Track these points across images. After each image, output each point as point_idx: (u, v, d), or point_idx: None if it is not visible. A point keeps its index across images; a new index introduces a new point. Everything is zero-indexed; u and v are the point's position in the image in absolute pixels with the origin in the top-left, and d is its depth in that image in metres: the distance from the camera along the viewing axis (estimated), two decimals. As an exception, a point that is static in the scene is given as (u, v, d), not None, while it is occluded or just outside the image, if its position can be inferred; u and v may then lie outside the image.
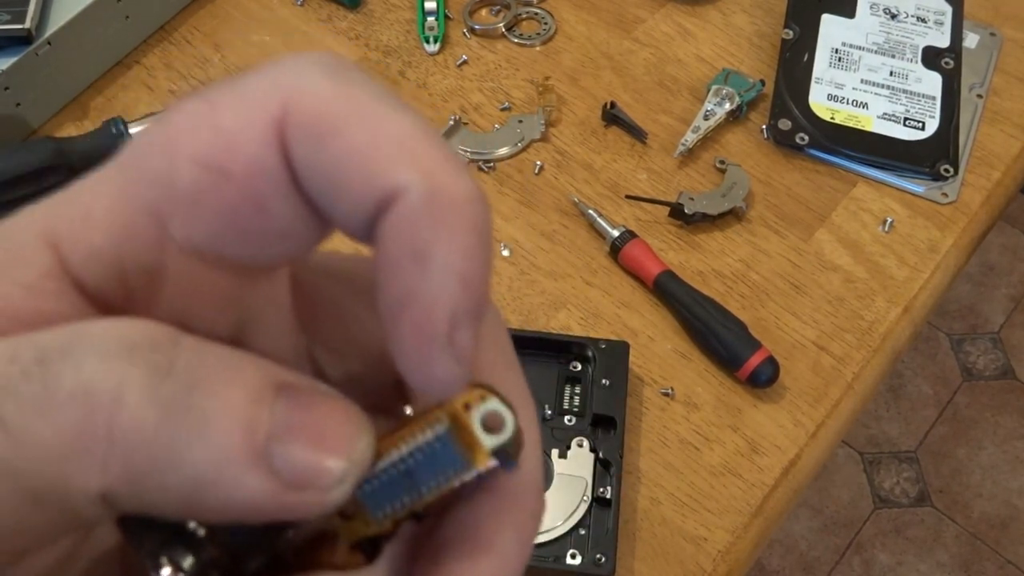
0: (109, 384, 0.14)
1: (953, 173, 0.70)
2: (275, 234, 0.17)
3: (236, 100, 0.16)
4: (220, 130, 0.16)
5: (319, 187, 0.16)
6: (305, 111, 0.16)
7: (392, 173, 0.16)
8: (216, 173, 0.16)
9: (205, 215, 0.16)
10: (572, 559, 0.53)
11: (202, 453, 0.14)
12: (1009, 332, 1.69)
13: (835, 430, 0.60)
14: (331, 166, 0.16)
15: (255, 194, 0.16)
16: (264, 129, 0.16)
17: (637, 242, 0.65)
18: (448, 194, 0.16)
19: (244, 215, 0.16)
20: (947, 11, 0.78)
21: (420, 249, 0.16)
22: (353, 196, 0.16)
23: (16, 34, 0.66)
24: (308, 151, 0.16)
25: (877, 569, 1.46)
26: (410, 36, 0.77)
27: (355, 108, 0.16)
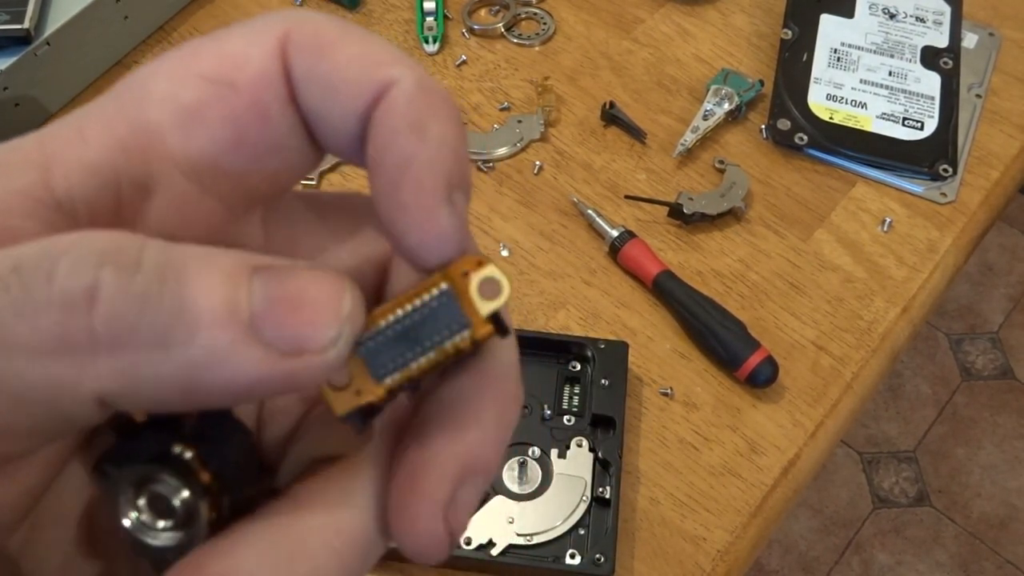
0: (82, 285, 0.14)
1: (952, 173, 0.70)
2: (273, 146, 0.18)
3: (240, 29, 0.18)
4: (226, 52, 0.18)
5: (318, 93, 0.18)
6: (305, 32, 0.18)
7: (385, 69, 0.18)
8: (223, 85, 0.17)
9: (208, 125, 0.17)
10: (571, 559, 0.53)
11: (186, 334, 0.15)
12: (1008, 332, 1.69)
13: (834, 430, 0.60)
14: (329, 71, 0.18)
15: (259, 103, 0.18)
16: (269, 46, 0.18)
17: (636, 242, 0.65)
18: (434, 85, 0.18)
19: (246, 123, 0.18)
20: (946, 11, 0.78)
21: (417, 121, 0.17)
22: (350, 94, 0.18)
23: (15, 34, 0.66)
24: (308, 61, 0.18)
25: (876, 569, 1.47)
26: (409, 36, 0.77)
27: (348, 31, 0.18)
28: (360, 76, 0.18)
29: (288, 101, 0.18)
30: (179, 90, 0.17)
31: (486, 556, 0.53)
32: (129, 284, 0.15)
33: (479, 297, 0.18)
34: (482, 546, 0.53)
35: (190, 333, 0.15)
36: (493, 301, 0.18)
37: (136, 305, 0.15)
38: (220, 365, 0.15)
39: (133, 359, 0.15)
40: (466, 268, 0.18)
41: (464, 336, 0.17)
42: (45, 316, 0.14)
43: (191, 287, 0.15)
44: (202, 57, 0.18)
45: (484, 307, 0.18)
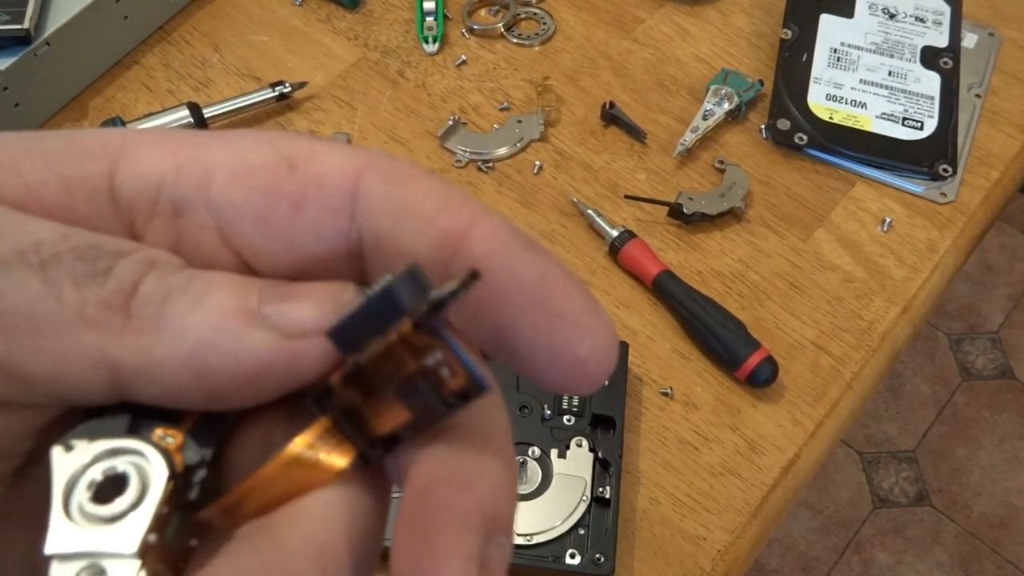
0: (133, 275, 0.17)
1: (952, 173, 0.70)
2: (291, 240, 0.19)
3: (335, 144, 0.19)
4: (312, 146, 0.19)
5: (391, 219, 0.18)
6: (386, 164, 0.19)
7: (466, 207, 0.18)
8: (287, 164, 0.18)
9: (251, 188, 0.18)
10: (571, 559, 0.53)
11: (200, 319, 0.17)
12: (1008, 332, 1.69)
13: (834, 430, 0.60)
14: (408, 201, 0.18)
15: (302, 195, 0.18)
16: (346, 162, 0.18)
17: (636, 242, 0.65)
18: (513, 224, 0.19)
19: (280, 205, 0.18)
20: (946, 11, 0.78)
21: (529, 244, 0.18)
22: (429, 225, 0.18)
23: (15, 34, 0.66)
24: (387, 188, 0.18)
25: (876, 569, 1.47)
26: (409, 36, 0.77)
27: (424, 172, 0.19)
28: (442, 209, 0.18)
29: (339, 212, 0.18)
30: (253, 150, 0.19)
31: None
32: (164, 280, 0.17)
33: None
34: (482, 546, 0.53)
35: (205, 317, 0.17)
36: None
37: (164, 293, 0.17)
38: (228, 345, 0.17)
39: (154, 338, 0.17)
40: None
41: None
42: (99, 286, 0.17)
43: (212, 286, 0.17)
44: (293, 140, 0.19)
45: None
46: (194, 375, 0.17)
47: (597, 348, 0.18)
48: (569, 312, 0.17)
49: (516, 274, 0.17)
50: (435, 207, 0.18)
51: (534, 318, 0.17)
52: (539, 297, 0.17)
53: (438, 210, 0.18)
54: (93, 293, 0.17)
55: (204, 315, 0.17)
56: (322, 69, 0.75)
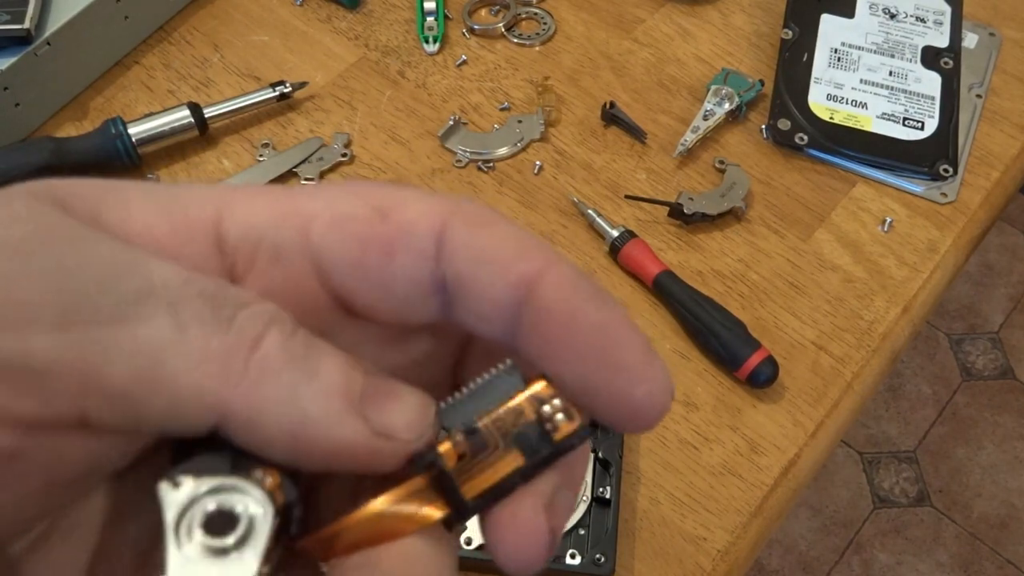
0: (256, 329, 0.18)
1: (952, 173, 0.70)
2: (385, 287, 0.20)
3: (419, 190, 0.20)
4: (399, 196, 0.20)
5: (471, 263, 0.19)
6: (469, 211, 0.20)
7: (541, 253, 0.19)
8: (378, 214, 0.20)
9: (346, 235, 0.20)
10: (572, 559, 0.53)
11: (311, 394, 0.18)
12: (1008, 332, 1.69)
13: (834, 430, 0.60)
14: (487, 247, 0.19)
15: (394, 243, 0.20)
16: (433, 209, 0.20)
17: (636, 242, 0.65)
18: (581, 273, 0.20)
19: (373, 252, 0.20)
20: (946, 11, 0.78)
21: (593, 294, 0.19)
22: (505, 269, 0.19)
23: (15, 34, 0.66)
24: (468, 234, 0.19)
25: (876, 569, 1.47)
26: (409, 36, 0.77)
27: (503, 219, 0.20)
28: (518, 253, 0.19)
29: (426, 256, 0.19)
30: (344, 200, 0.20)
31: (486, 556, 0.53)
32: (285, 343, 0.18)
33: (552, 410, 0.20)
34: (481, 546, 0.53)
35: (315, 394, 0.18)
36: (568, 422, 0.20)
37: (285, 358, 0.18)
38: (327, 425, 0.18)
39: (267, 396, 0.18)
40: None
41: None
42: (218, 339, 0.18)
43: (325, 362, 0.19)
44: (381, 191, 0.20)
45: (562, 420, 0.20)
46: (291, 439, 0.18)
47: (652, 395, 0.19)
48: (625, 361, 0.19)
49: (579, 322, 0.19)
50: (512, 253, 0.19)
51: (595, 364, 0.19)
52: (599, 345, 0.19)
53: (515, 256, 0.19)
54: (218, 339, 0.18)
55: (315, 391, 0.18)
56: (322, 69, 0.75)
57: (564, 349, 0.19)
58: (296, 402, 0.18)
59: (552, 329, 0.19)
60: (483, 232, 0.19)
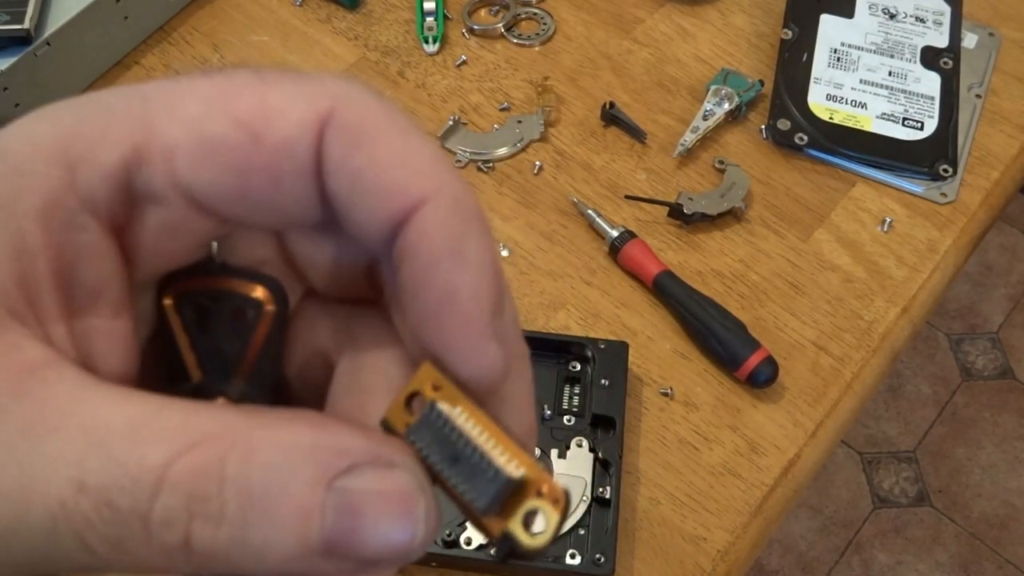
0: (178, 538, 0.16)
1: (952, 173, 0.70)
2: (277, 207, 0.19)
3: (290, 86, 0.18)
4: (267, 103, 0.18)
5: (347, 187, 0.18)
6: (349, 116, 0.18)
7: (421, 181, 0.18)
8: (248, 135, 0.18)
9: (218, 167, 0.18)
10: (571, 559, 0.53)
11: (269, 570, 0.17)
12: (1008, 332, 1.69)
13: (834, 430, 0.60)
14: (362, 169, 0.18)
15: (276, 169, 0.18)
16: (307, 117, 0.18)
17: (636, 242, 0.65)
18: (468, 202, 0.19)
19: (256, 181, 0.18)
20: (946, 11, 0.78)
21: (455, 246, 0.18)
22: (380, 199, 0.18)
23: (15, 34, 0.66)
24: (343, 150, 0.18)
25: (876, 569, 1.47)
26: (409, 36, 0.77)
27: (391, 123, 0.19)
28: (393, 184, 0.18)
29: (310, 176, 0.18)
30: (206, 121, 0.18)
31: (486, 556, 0.53)
32: (217, 534, 0.16)
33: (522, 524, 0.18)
34: (481, 546, 0.53)
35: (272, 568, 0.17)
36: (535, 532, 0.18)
37: (225, 551, 0.16)
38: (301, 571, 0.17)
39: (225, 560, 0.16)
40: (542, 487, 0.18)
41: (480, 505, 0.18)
42: (146, 555, 0.16)
43: (271, 528, 0.16)
44: (242, 97, 0.18)
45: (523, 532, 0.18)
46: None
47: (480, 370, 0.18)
48: (457, 340, 0.18)
49: (433, 279, 0.18)
50: (389, 182, 0.18)
51: (435, 328, 0.18)
52: (441, 312, 0.18)
53: (390, 187, 0.18)
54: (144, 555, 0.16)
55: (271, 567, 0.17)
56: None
57: (416, 299, 0.18)
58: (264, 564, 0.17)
59: (412, 275, 0.18)
60: (360, 151, 0.18)
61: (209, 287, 0.19)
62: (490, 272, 0.18)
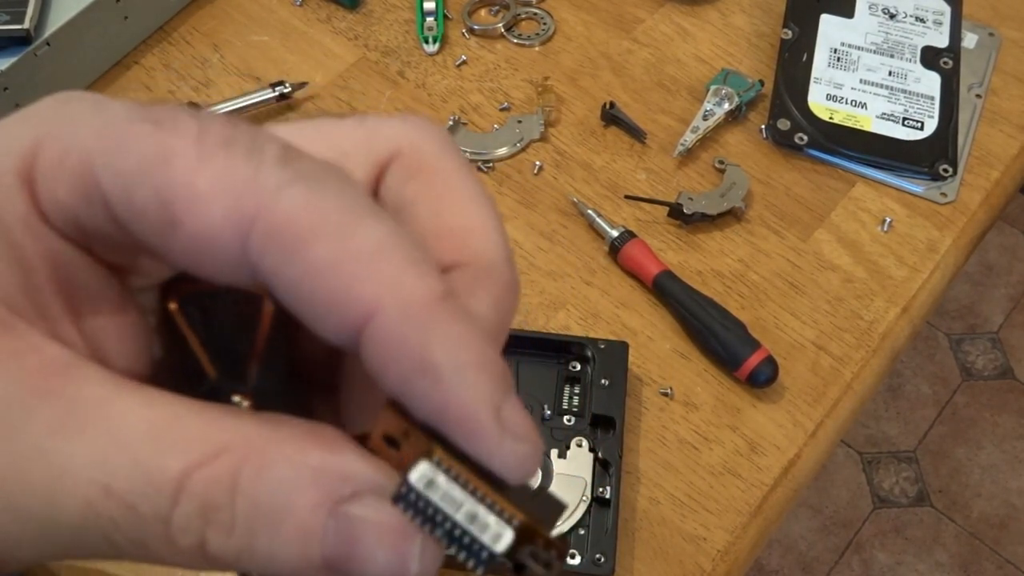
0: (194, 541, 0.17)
1: (952, 173, 0.70)
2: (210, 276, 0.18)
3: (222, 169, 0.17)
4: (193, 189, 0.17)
5: (289, 299, 0.17)
6: (276, 220, 0.17)
7: (363, 295, 0.16)
8: (169, 217, 0.17)
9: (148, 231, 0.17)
10: (571, 559, 0.53)
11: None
12: (1008, 332, 1.69)
13: (834, 430, 0.60)
14: (299, 283, 0.17)
15: (197, 253, 0.17)
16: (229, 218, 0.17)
17: (636, 242, 0.65)
18: (423, 302, 0.17)
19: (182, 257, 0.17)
20: (946, 11, 0.78)
21: (425, 362, 0.16)
22: (325, 316, 0.17)
23: (15, 34, 0.66)
24: (275, 263, 0.17)
25: (876, 569, 1.47)
26: (409, 36, 0.77)
27: (328, 220, 0.17)
28: (334, 300, 0.17)
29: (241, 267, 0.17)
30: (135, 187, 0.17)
31: (486, 556, 0.53)
32: (228, 542, 0.17)
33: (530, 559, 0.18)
34: (482, 546, 0.53)
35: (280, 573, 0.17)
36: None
37: (235, 556, 0.17)
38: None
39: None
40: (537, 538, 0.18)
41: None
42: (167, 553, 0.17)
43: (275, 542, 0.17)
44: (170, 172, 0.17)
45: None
46: None
47: (510, 471, 0.17)
48: (474, 448, 0.17)
49: (414, 400, 0.17)
50: (326, 297, 0.17)
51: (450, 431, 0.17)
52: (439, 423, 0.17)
53: (330, 301, 0.17)
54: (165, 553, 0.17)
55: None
56: (322, 69, 0.75)
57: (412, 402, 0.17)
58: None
59: (392, 386, 0.17)
60: (292, 261, 0.17)
61: (208, 287, 0.19)
62: (473, 370, 0.17)
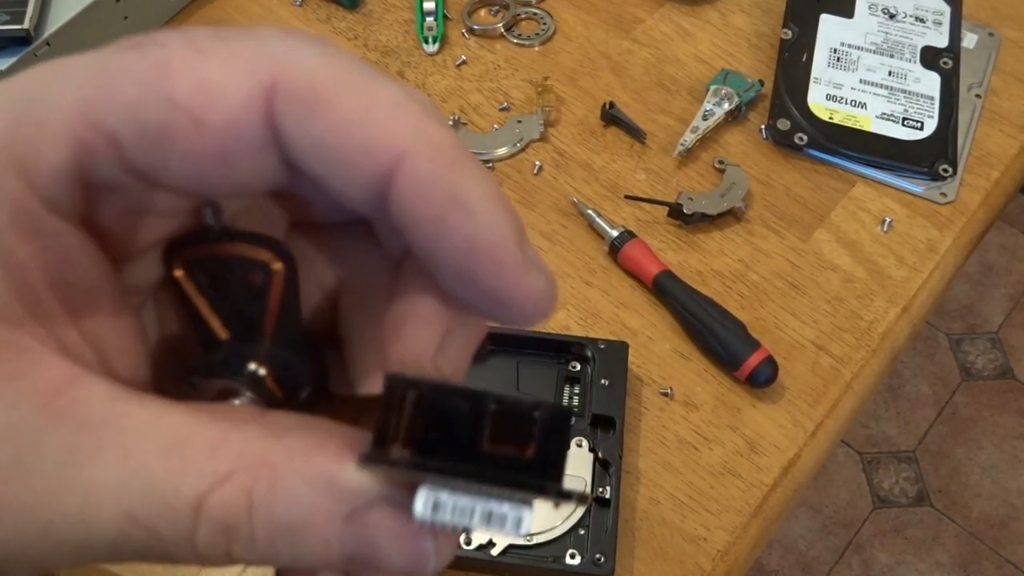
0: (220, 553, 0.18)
1: (952, 173, 0.70)
2: (239, 185, 0.18)
3: (226, 55, 0.17)
4: (205, 81, 0.17)
5: (312, 160, 0.17)
6: (296, 82, 0.17)
7: (391, 138, 0.17)
8: (189, 120, 0.16)
9: (169, 155, 0.17)
10: (571, 559, 0.53)
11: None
12: (1008, 332, 1.69)
13: (834, 430, 0.60)
14: (326, 139, 0.17)
15: (225, 152, 0.17)
16: (251, 93, 0.17)
17: (636, 242, 0.65)
18: (448, 143, 0.17)
19: (209, 165, 0.17)
20: (945, 11, 0.78)
21: (455, 196, 0.17)
22: (354, 168, 0.17)
23: (15, 35, 0.66)
24: (300, 123, 0.17)
25: (876, 569, 1.47)
26: (409, 36, 0.77)
27: (344, 79, 0.17)
28: (361, 148, 0.17)
29: (267, 151, 0.17)
30: (143, 108, 0.17)
31: (486, 556, 0.53)
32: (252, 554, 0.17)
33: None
34: (482, 546, 0.53)
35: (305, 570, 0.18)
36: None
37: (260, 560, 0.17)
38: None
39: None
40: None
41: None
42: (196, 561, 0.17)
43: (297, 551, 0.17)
44: (175, 77, 0.17)
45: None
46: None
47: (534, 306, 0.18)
48: (499, 284, 0.17)
49: (443, 240, 0.17)
50: (354, 148, 0.17)
51: (464, 281, 0.17)
52: (467, 269, 0.17)
53: (357, 154, 0.17)
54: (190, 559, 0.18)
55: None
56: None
57: (437, 261, 0.17)
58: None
59: (420, 239, 0.17)
60: (316, 119, 0.17)
61: (215, 254, 0.19)
62: (499, 204, 0.17)
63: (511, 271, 0.17)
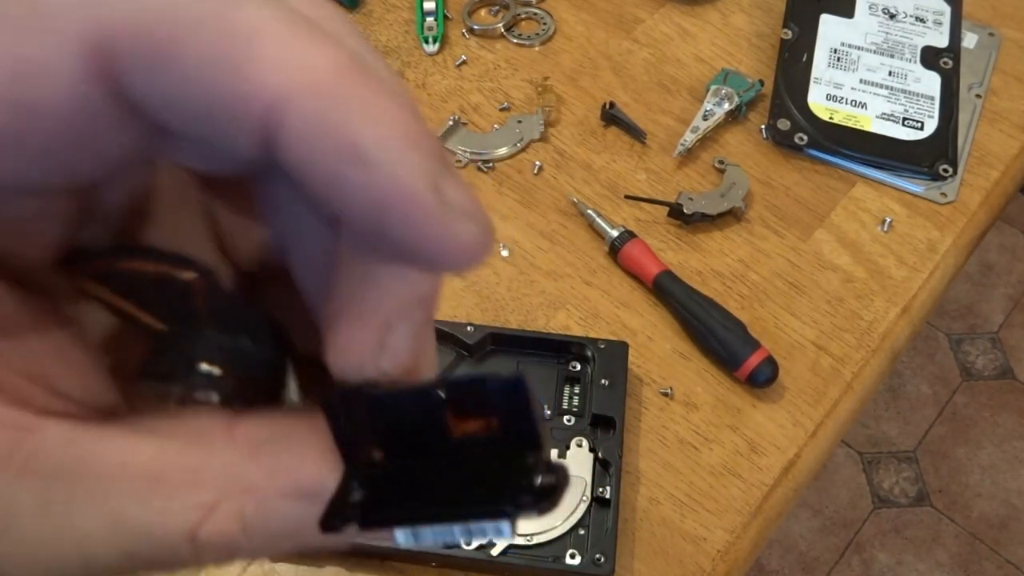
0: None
1: (952, 173, 0.70)
2: (105, 164, 0.15)
3: (32, 16, 0.14)
4: (17, 57, 0.13)
5: (180, 121, 0.14)
6: (130, 31, 0.13)
7: (262, 81, 0.13)
8: (23, 111, 0.14)
9: (18, 156, 0.14)
10: (571, 559, 0.53)
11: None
12: (1008, 332, 1.69)
13: (834, 430, 0.60)
14: (179, 93, 0.14)
15: (71, 130, 0.14)
16: (73, 57, 0.13)
17: (636, 242, 0.65)
18: (336, 75, 0.14)
19: (61, 151, 0.14)
20: (946, 11, 0.78)
21: (351, 146, 0.14)
22: (227, 124, 0.14)
23: None
24: (147, 80, 0.14)
25: (876, 569, 1.47)
26: (409, 36, 0.77)
27: (193, 13, 0.13)
28: (228, 99, 0.13)
29: (125, 118, 0.14)
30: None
31: (486, 556, 0.53)
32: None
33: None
34: (482, 546, 0.53)
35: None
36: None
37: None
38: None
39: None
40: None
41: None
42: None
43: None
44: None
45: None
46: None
47: (464, 257, 0.15)
48: (417, 240, 0.14)
49: (343, 200, 0.14)
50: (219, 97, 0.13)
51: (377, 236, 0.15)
52: (378, 229, 0.14)
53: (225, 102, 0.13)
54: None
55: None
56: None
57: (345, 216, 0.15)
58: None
59: (321, 196, 0.14)
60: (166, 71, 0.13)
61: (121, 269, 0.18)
62: (405, 143, 0.14)
63: (428, 224, 0.14)
